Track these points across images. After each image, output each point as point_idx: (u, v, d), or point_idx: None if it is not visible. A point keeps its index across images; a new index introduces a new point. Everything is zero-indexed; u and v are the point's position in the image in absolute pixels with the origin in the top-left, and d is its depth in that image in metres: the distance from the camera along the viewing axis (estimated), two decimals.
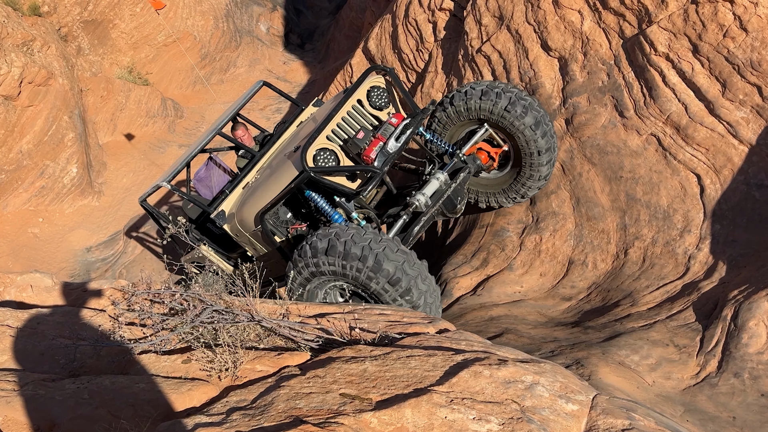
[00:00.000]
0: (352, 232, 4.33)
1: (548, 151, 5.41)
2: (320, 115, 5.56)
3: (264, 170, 5.62)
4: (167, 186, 5.90)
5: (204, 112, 13.34)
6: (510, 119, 5.28)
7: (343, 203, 5.02)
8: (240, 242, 5.71)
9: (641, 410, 2.39)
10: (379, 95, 5.36)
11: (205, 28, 14.22)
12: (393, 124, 5.06)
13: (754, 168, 4.80)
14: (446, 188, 5.31)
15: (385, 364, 2.59)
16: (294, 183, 4.82)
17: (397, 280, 4.20)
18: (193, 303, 3.11)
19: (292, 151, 5.12)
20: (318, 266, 4.45)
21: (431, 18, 8.51)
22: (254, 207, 5.26)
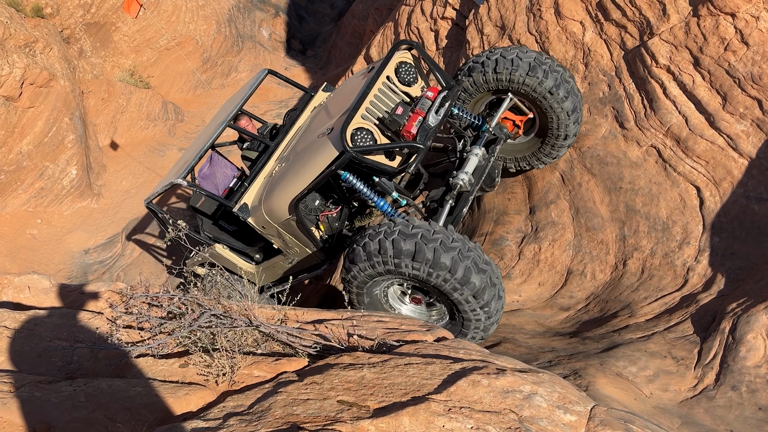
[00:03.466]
0: (440, 237, 4.10)
1: (575, 111, 5.30)
2: (341, 98, 5.43)
3: (286, 158, 5.41)
4: (183, 183, 5.63)
5: (204, 116, 13.35)
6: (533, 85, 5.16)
7: (384, 183, 4.81)
8: (266, 235, 5.49)
9: (639, 422, 2.38)
10: (408, 70, 5.20)
11: (207, 33, 14.26)
12: (430, 98, 4.88)
13: (753, 181, 4.81)
14: (486, 163, 5.16)
15: (383, 372, 2.59)
16: (334, 165, 4.63)
17: (482, 293, 4.07)
18: (191, 307, 3.11)
19: (323, 133, 4.96)
20: (398, 267, 4.22)
21: (433, 26, 8.54)
22: (284, 195, 5.04)
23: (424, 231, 4.13)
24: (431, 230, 4.14)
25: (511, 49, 5.31)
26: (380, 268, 4.27)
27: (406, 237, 4.12)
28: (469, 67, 5.50)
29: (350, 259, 4.44)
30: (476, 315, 4.17)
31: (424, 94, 4.90)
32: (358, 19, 14.25)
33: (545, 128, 5.48)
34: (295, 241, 5.40)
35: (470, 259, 4.05)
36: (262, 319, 3.08)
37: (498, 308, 4.23)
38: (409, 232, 4.14)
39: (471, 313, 4.16)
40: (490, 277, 4.12)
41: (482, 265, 4.10)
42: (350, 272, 4.46)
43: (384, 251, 4.18)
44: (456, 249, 4.06)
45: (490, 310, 4.16)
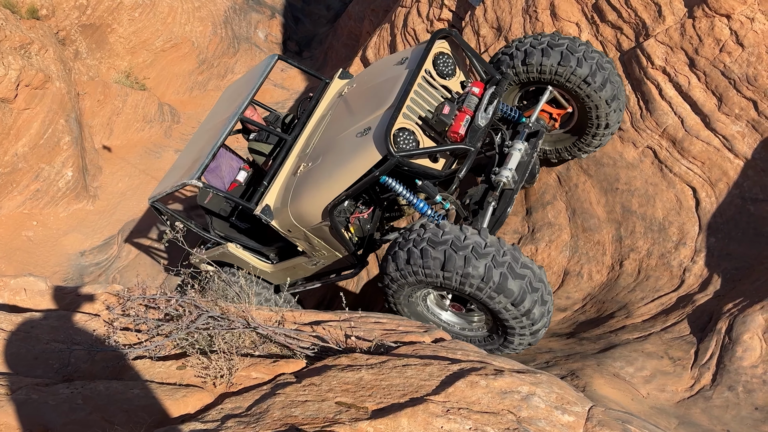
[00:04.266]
0: (471, 242, 3.81)
1: (615, 99, 4.94)
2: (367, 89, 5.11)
3: (313, 157, 4.97)
4: (199, 184, 5.13)
5: (200, 118, 13.33)
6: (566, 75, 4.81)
7: (427, 186, 4.49)
8: (291, 238, 5.16)
9: (636, 422, 2.39)
10: (446, 62, 4.78)
11: (204, 34, 14.25)
12: (476, 94, 4.51)
13: (749, 182, 4.82)
14: (528, 159, 4.77)
15: (381, 373, 2.59)
16: (378, 170, 4.25)
17: (521, 300, 3.81)
18: (189, 309, 3.10)
19: (360, 132, 4.55)
20: (429, 277, 3.95)
21: (429, 28, 8.54)
22: (316, 200, 4.64)
23: (454, 237, 3.86)
24: (462, 236, 3.88)
25: (542, 37, 4.92)
26: (411, 278, 4.06)
27: (435, 245, 3.87)
28: (498, 59, 5.13)
29: (383, 268, 4.24)
30: (519, 323, 3.94)
31: (470, 90, 4.54)
32: (355, 21, 14.26)
33: (584, 119, 5.15)
34: (324, 245, 5.08)
35: (506, 265, 3.78)
36: (259, 320, 3.08)
37: (543, 313, 3.97)
38: (438, 239, 3.89)
39: (513, 321, 3.94)
40: (530, 281, 3.85)
41: (520, 269, 3.83)
42: (384, 281, 4.28)
43: (414, 261, 3.95)
44: (489, 255, 3.79)
45: (533, 317, 3.90)
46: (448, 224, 3.98)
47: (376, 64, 5.71)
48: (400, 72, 4.81)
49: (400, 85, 4.62)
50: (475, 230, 3.95)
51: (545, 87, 5.03)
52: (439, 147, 4.32)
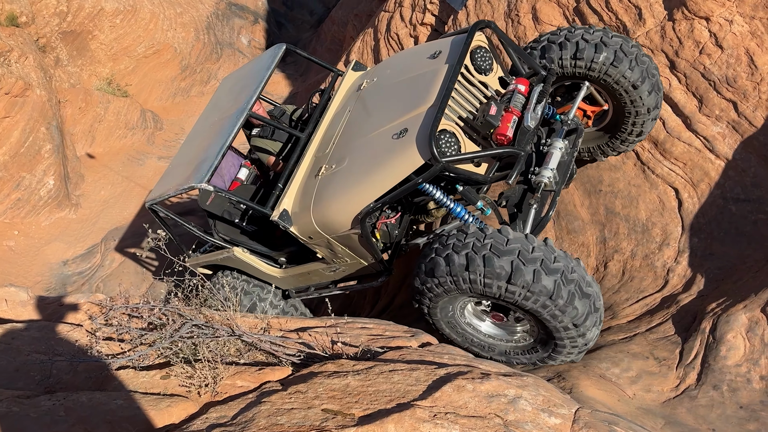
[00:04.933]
0: (540, 255, 3.48)
1: (656, 108, 4.68)
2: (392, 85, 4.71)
3: (337, 158, 4.57)
4: (208, 187, 4.72)
5: (184, 125, 13.26)
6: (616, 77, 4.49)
7: (468, 192, 4.16)
8: (311, 245, 4.76)
9: (623, 423, 2.39)
10: (484, 56, 4.40)
11: (186, 40, 14.18)
12: (522, 93, 4.17)
13: (730, 182, 4.88)
14: (569, 158, 4.42)
15: (368, 379, 2.57)
16: (421, 177, 3.89)
17: (583, 321, 3.54)
18: (172, 317, 3.07)
19: (396, 134, 4.16)
20: (488, 288, 3.58)
21: (413, 32, 8.57)
22: (345, 206, 4.27)
23: (522, 247, 3.51)
24: (530, 246, 3.53)
25: (595, 32, 4.54)
26: (464, 285, 3.65)
27: (500, 253, 3.49)
28: (543, 47, 4.68)
29: (427, 269, 3.82)
30: (573, 342, 3.69)
31: (515, 88, 4.20)
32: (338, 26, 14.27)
33: (617, 122, 4.87)
34: (348, 252, 4.72)
35: (574, 283, 3.48)
36: (244, 328, 3.05)
37: (597, 334, 3.74)
38: (504, 247, 3.51)
39: (568, 340, 3.67)
40: (594, 301, 3.58)
41: (586, 288, 3.54)
42: (425, 284, 3.87)
43: (474, 268, 3.54)
44: (559, 270, 3.45)
45: (588, 337, 3.66)
46: (512, 230, 3.64)
47: (399, 56, 5.30)
48: (436, 66, 4.41)
49: (438, 81, 4.23)
50: (542, 242, 3.62)
51: (581, 82, 4.72)
52: (488, 151, 4.01)
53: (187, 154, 5.61)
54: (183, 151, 5.90)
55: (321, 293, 5.57)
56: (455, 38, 4.54)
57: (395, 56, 5.33)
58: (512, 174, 3.96)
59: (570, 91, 4.90)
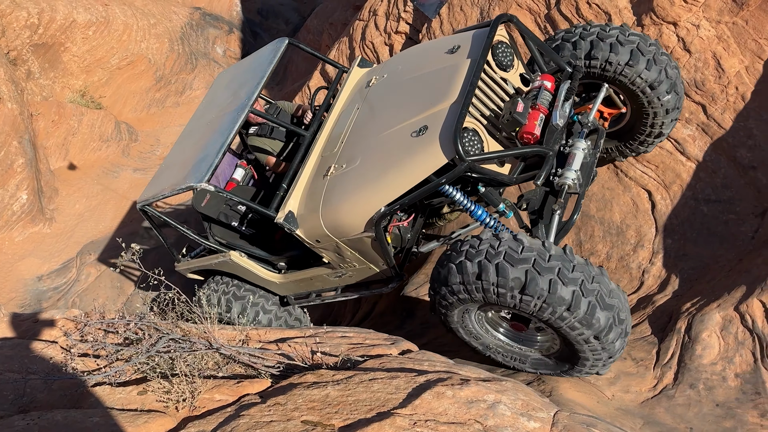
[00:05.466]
0: (558, 263, 3.28)
1: (675, 109, 4.52)
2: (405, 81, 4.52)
3: (347, 157, 4.36)
4: (208, 187, 4.48)
5: (159, 136, 13.14)
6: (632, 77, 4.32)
7: (491, 193, 3.99)
8: (317, 248, 4.54)
9: (601, 425, 2.42)
10: (505, 52, 4.17)
11: (160, 51, 14.07)
12: (549, 89, 3.99)
13: (701, 183, 4.96)
14: (592, 159, 4.20)
15: (348, 389, 2.57)
16: (444, 177, 3.65)
17: (606, 333, 3.34)
18: (149, 332, 3.03)
19: (416, 132, 3.95)
20: (501, 297, 3.38)
21: (387, 41, 8.60)
22: (358, 207, 4.05)
23: (537, 255, 3.32)
24: (547, 253, 3.34)
25: (611, 29, 4.36)
26: (478, 295, 3.48)
27: (514, 261, 3.30)
28: (557, 45, 4.51)
29: (440, 277, 3.67)
30: (596, 355, 3.49)
31: (542, 85, 4.02)
32: (313, 35, 14.27)
33: (636, 123, 4.72)
34: (358, 257, 4.49)
35: (595, 293, 3.28)
36: (222, 341, 3.03)
37: (622, 346, 3.53)
38: (518, 255, 3.32)
39: (590, 352, 3.47)
40: (618, 312, 3.37)
41: (609, 299, 3.33)
42: (438, 293, 3.73)
43: (486, 277, 3.36)
44: (578, 280, 3.25)
45: (613, 350, 3.46)
46: (527, 237, 3.47)
47: (411, 52, 5.04)
48: (456, 61, 4.21)
49: (460, 76, 4.04)
50: (560, 248, 3.43)
51: (599, 83, 4.53)
52: (516, 150, 3.81)
53: (182, 153, 5.35)
54: (177, 150, 5.61)
55: (324, 299, 5.37)
56: (476, 32, 4.32)
57: (406, 52, 5.11)
58: (541, 174, 3.75)
59: (587, 91, 4.74)
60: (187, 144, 5.39)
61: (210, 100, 5.75)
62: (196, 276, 6.04)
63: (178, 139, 5.73)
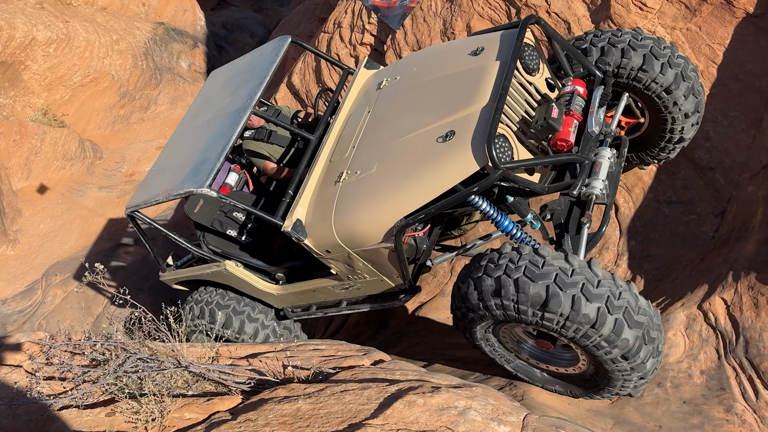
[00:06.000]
0: (581, 279, 3.10)
1: (695, 113, 4.36)
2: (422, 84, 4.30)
3: (361, 162, 4.13)
4: (210, 192, 4.22)
5: (124, 152, 12.97)
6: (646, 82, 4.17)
7: (520, 203, 3.82)
8: (327, 259, 4.31)
9: (570, 426, 2.45)
10: (531, 55, 4.00)
11: (124, 67, 13.91)
12: (581, 95, 3.84)
13: (662, 186, 5.08)
14: (617, 168, 4.02)
15: (319, 401, 2.56)
16: (477, 185, 3.43)
17: (635, 353, 3.16)
18: (116, 352, 2.99)
19: (441, 137, 3.73)
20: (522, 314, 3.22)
21: (353, 52, 8.64)
22: (377, 217, 3.83)
23: (559, 270, 3.15)
24: (570, 268, 3.17)
25: (623, 34, 4.21)
26: (498, 311, 3.32)
27: (535, 276, 3.14)
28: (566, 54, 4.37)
29: (460, 293, 3.54)
30: (626, 375, 3.31)
31: (574, 90, 3.88)
32: None
33: (655, 131, 4.58)
34: (371, 268, 4.26)
35: (622, 310, 3.09)
36: (191, 358, 3.00)
37: (655, 366, 3.36)
38: (539, 270, 3.15)
39: (619, 373, 3.30)
40: (648, 330, 3.18)
41: (638, 315, 3.14)
42: (459, 309, 3.60)
43: (505, 293, 3.20)
44: (603, 296, 3.07)
45: (644, 370, 3.28)
46: (549, 250, 3.30)
47: (426, 54, 4.83)
48: (482, 63, 4.03)
49: (488, 79, 3.85)
50: (583, 261, 3.25)
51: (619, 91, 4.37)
52: (552, 158, 3.65)
53: (176, 156, 5.01)
54: (168, 152, 5.27)
55: (326, 312, 5.06)
56: (503, 33, 4.13)
57: (419, 54, 4.92)
58: (576, 184, 3.60)
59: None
60: (181, 146, 5.08)
61: (204, 100, 5.48)
62: (181, 287, 5.78)
63: (170, 142, 5.43)
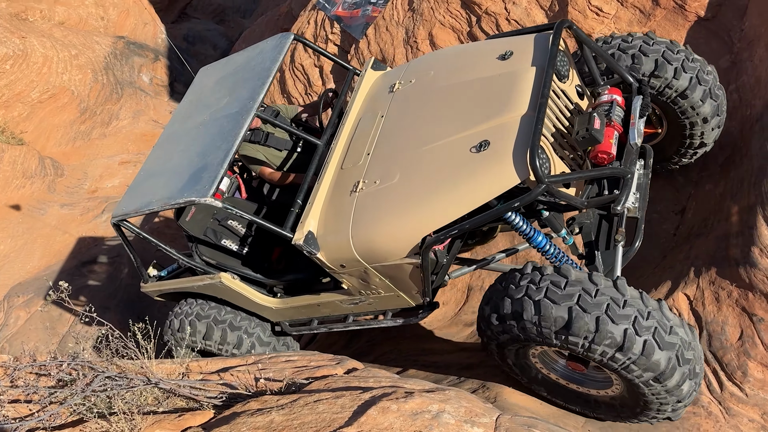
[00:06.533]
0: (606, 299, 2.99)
1: (715, 116, 4.19)
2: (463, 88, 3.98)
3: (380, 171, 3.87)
4: (214, 203, 3.93)
5: (86, 169, 12.74)
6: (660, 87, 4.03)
7: (555, 218, 3.66)
8: (339, 274, 4.04)
9: (541, 425, 2.49)
10: (562, 61, 3.80)
11: (84, 82, 13.69)
12: (621, 104, 3.68)
13: None
14: (646, 179, 3.86)
15: (293, 412, 2.55)
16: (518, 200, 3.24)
17: (667, 376, 3.01)
18: (83, 371, 2.93)
19: (475, 147, 3.49)
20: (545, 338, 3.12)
21: (317, 62, 8.66)
22: (400, 231, 3.59)
23: (582, 290, 3.03)
24: (593, 288, 3.04)
25: (634, 40, 4.07)
26: (521, 333, 3.22)
27: (557, 298, 3.04)
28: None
29: (484, 315, 3.43)
30: (661, 398, 3.15)
31: (613, 99, 3.70)
32: None
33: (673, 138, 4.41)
34: (388, 284, 4.00)
35: (652, 331, 2.95)
36: (161, 375, 2.96)
37: (692, 388, 3.16)
38: (561, 291, 3.05)
39: (653, 396, 3.15)
40: (682, 352, 3.02)
41: (669, 336, 2.99)
42: (485, 334, 3.51)
43: (527, 316, 3.11)
44: (630, 317, 2.95)
45: (681, 394, 3.11)
46: (572, 270, 3.17)
47: (446, 54, 4.58)
48: (513, 68, 3.80)
49: (523, 85, 3.63)
50: (609, 280, 3.13)
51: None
52: (596, 171, 3.49)
53: (168, 159, 4.65)
54: (159, 156, 4.85)
55: (330, 328, 4.75)
56: (536, 37, 3.91)
57: (435, 56, 4.67)
58: (620, 198, 3.44)
59: None
60: (174, 149, 4.69)
61: (195, 100, 5.09)
62: (162, 299, 5.49)
63: (159, 143, 5.02)
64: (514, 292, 3.21)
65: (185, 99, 5.25)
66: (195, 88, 5.30)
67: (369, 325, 4.59)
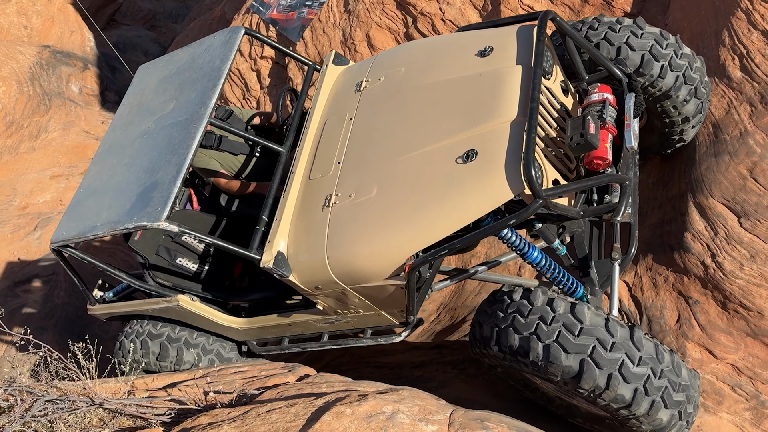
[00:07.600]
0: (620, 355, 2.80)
1: (696, 115, 3.88)
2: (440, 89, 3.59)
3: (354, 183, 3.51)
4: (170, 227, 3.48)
5: (15, 185, 12.19)
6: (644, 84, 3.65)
7: (548, 230, 3.35)
8: (314, 296, 3.69)
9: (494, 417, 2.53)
10: (546, 57, 3.42)
11: (8, 95, 13.11)
12: (613, 103, 3.33)
13: None
14: (636, 181, 3.54)
15: (245, 424, 2.51)
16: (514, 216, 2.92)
17: (666, 428, 2.91)
18: (21, 396, 2.80)
19: (462, 157, 3.17)
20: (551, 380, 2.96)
21: (254, 66, 8.55)
22: (383, 251, 3.25)
23: (597, 342, 2.81)
24: (609, 341, 2.80)
25: (622, 28, 3.63)
26: (523, 369, 3.06)
27: (569, 348, 2.82)
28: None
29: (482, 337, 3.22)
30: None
31: (605, 99, 3.34)
32: None
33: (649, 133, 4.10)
34: (367, 303, 3.68)
35: (661, 391, 2.81)
36: (105, 394, 2.85)
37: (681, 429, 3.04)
38: (575, 340, 2.82)
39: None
40: (685, 407, 2.91)
41: (677, 393, 2.86)
42: (479, 351, 3.34)
43: (534, 357, 2.89)
44: (642, 376, 2.78)
45: None
46: (588, 312, 2.91)
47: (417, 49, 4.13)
48: (495, 67, 3.48)
49: (509, 87, 3.31)
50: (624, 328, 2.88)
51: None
52: (594, 180, 3.14)
53: (110, 175, 4.16)
54: (99, 170, 4.33)
55: (303, 347, 4.36)
56: (519, 30, 3.57)
57: (404, 50, 4.23)
58: (620, 209, 3.13)
59: None
60: (117, 163, 4.20)
61: (137, 104, 4.57)
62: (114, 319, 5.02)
63: (98, 156, 4.49)
64: (522, 327, 2.96)
65: (124, 102, 4.73)
66: (135, 90, 4.76)
67: (347, 344, 4.21)
